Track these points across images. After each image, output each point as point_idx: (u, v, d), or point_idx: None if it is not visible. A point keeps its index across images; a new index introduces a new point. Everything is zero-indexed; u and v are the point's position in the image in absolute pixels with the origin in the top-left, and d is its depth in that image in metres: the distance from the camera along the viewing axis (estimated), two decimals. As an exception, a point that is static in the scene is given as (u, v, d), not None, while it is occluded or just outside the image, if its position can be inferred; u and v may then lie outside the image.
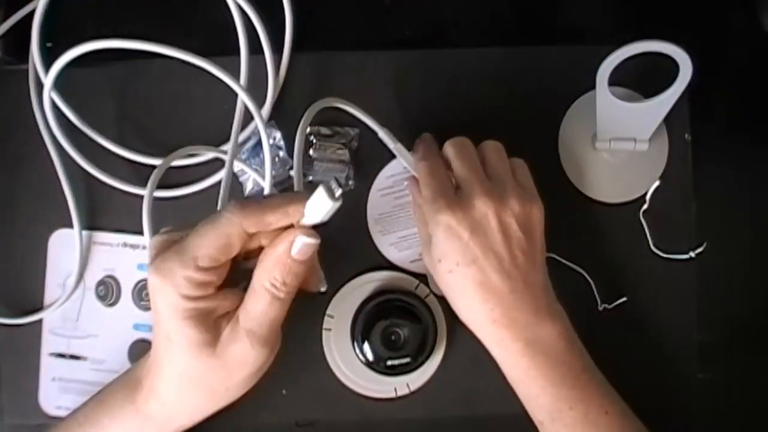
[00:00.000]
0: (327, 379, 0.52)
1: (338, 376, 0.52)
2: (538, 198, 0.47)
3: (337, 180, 0.36)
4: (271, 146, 0.51)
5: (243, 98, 0.50)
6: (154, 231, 0.50)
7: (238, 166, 0.52)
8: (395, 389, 0.52)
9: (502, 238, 0.44)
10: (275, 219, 0.38)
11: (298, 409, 0.53)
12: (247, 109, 0.52)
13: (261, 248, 0.40)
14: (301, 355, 0.52)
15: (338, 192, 0.36)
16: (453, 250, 0.44)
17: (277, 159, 0.52)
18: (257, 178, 0.52)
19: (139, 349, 0.53)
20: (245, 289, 0.40)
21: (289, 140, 0.52)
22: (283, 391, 0.52)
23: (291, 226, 0.39)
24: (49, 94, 0.51)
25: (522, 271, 0.44)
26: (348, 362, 0.52)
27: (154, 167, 0.51)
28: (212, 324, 0.39)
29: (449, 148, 0.47)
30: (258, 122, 0.50)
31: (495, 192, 0.44)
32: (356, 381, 0.52)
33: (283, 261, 0.38)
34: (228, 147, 0.51)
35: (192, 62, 0.48)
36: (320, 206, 0.36)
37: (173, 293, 0.37)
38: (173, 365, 0.40)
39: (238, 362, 0.40)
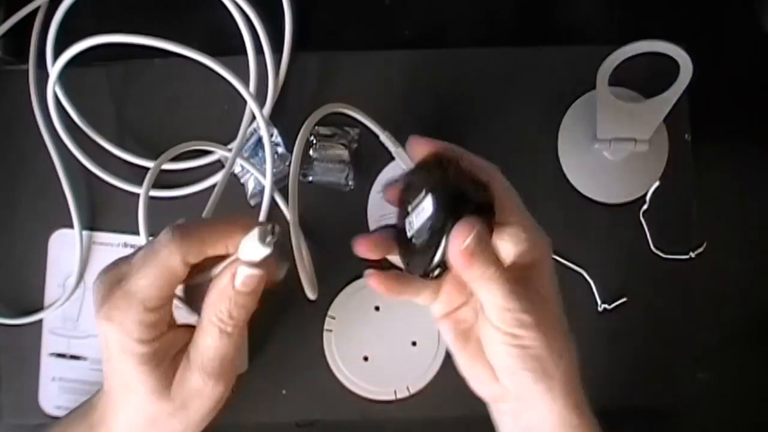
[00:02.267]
0: (327, 379, 0.52)
1: (338, 377, 0.52)
2: None
3: (274, 228, 0.34)
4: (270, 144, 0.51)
5: (246, 98, 0.50)
6: (151, 231, 0.50)
7: (240, 166, 0.52)
8: (395, 391, 0.52)
9: None
10: (214, 252, 0.37)
11: (298, 409, 0.53)
12: (245, 108, 0.52)
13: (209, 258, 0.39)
14: (301, 356, 0.52)
15: (269, 239, 0.34)
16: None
17: (276, 156, 0.52)
18: (259, 177, 0.52)
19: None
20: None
21: (287, 137, 0.52)
22: (283, 391, 0.52)
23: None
24: (53, 87, 0.50)
25: None
26: (348, 363, 0.52)
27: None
28: (169, 365, 0.38)
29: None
30: (260, 122, 0.50)
31: None
32: (356, 382, 0.52)
33: (228, 293, 0.37)
34: (232, 145, 0.51)
35: (197, 60, 0.48)
36: (252, 248, 0.35)
37: (127, 339, 0.37)
38: (130, 413, 0.39)
39: (194, 399, 0.39)
